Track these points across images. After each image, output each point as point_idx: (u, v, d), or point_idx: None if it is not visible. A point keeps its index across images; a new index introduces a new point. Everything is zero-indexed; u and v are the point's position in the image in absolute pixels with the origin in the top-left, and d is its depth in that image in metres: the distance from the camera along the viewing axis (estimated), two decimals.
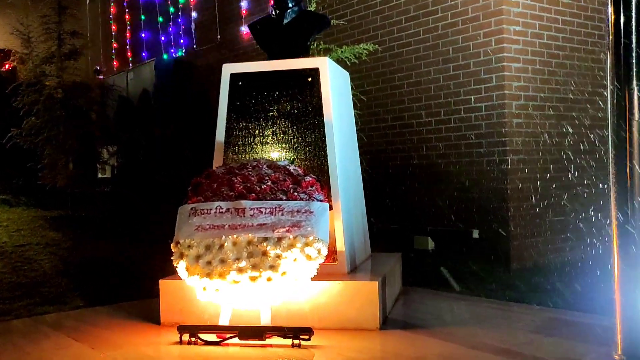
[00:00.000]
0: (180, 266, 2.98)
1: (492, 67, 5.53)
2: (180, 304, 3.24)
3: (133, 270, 5.05)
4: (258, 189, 3.11)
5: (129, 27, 11.47)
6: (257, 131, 3.59)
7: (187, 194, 3.27)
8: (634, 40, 2.29)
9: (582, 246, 5.66)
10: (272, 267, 2.86)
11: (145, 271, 4.87)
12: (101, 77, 11.18)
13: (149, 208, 7.64)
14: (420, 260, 5.56)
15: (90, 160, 8.53)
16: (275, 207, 3.04)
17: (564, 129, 5.80)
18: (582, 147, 5.89)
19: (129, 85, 10.85)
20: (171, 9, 10.09)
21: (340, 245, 3.30)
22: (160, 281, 3.35)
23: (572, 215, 5.73)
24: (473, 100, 5.68)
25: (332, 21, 5.18)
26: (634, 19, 2.30)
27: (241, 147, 3.59)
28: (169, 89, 9.98)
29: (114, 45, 12.02)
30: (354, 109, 4.45)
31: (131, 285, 4.44)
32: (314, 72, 3.52)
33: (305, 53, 3.74)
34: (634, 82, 2.29)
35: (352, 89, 4.32)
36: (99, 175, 9.73)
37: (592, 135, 5.94)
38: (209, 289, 2.94)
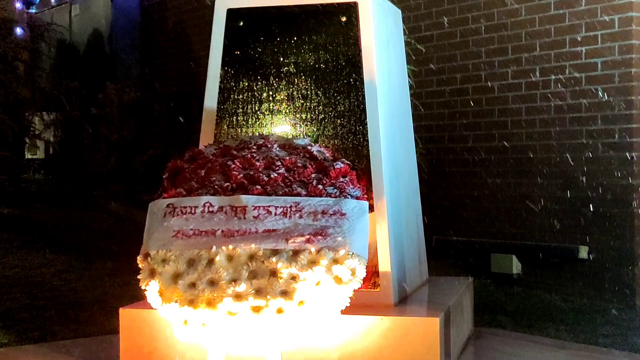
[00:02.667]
0: (151, 289, 3.01)
1: (614, 4, 5.48)
2: (149, 344, 3.28)
3: (79, 294, 5.13)
4: (265, 178, 3.13)
5: None
6: (265, 94, 3.61)
7: (161, 184, 3.31)
8: None
9: None
10: (285, 294, 2.88)
11: (97, 296, 4.94)
12: (32, 11, 11.30)
13: (101, 204, 7.73)
14: (500, 288, 5.56)
15: (15, 133, 8.64)
16: (291, 206, 3.06)
17: None
18: None
19: (74, 24, 10.95)
20: None
21: (385, 264, 3.32)
22: (121, 310, 3.38)
23: None
24: (584, 53, 5.63)
25: None
26: None
27: (242, 118, 3.61)
28: (132, 30, 10.04)
29: None
30: (407, 64, 4.46)
31: (76, 316, 4.51)
32: (351, 9, 3.52)
33: None
34: None
35: (404, 34, 4.32)
36: (28, 156, 9.85)
37: None
38: (193, 323, 2.97)
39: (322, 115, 3.54)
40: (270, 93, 3.61)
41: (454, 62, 6.44)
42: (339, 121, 3.51)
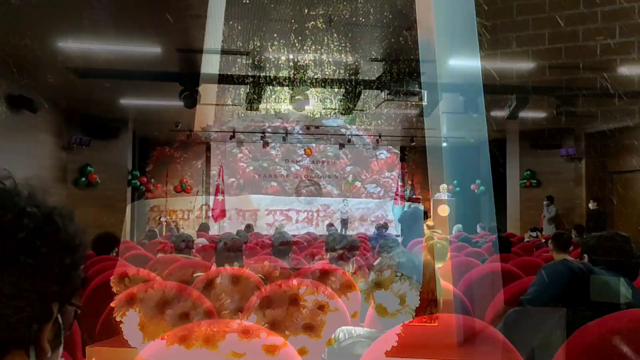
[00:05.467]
0: (129, 320, 3.02)
1: None
2: None
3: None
4: (284, 172, 3.10)
5: None
6: (284, 57, 3.57)
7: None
8: None
9: None
10: (310, 328, 2.87)
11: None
12: None
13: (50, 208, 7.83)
14: None
15: None
16: (318, 210, 3.03)
17: None
18: None
19: None
20: None
21: (446, 289, 3.27)
22: (87, 349, 3.40)
23: None
24: None
25: None
26: None
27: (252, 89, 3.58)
28: None
29: None
30: (476, 15, 4.42)
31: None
32: None
33: None
34: None
35: None
36: None
37: None
38: None
39: (362, 87, 3.49)
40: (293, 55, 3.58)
41: (543, 13, 6.36)
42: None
